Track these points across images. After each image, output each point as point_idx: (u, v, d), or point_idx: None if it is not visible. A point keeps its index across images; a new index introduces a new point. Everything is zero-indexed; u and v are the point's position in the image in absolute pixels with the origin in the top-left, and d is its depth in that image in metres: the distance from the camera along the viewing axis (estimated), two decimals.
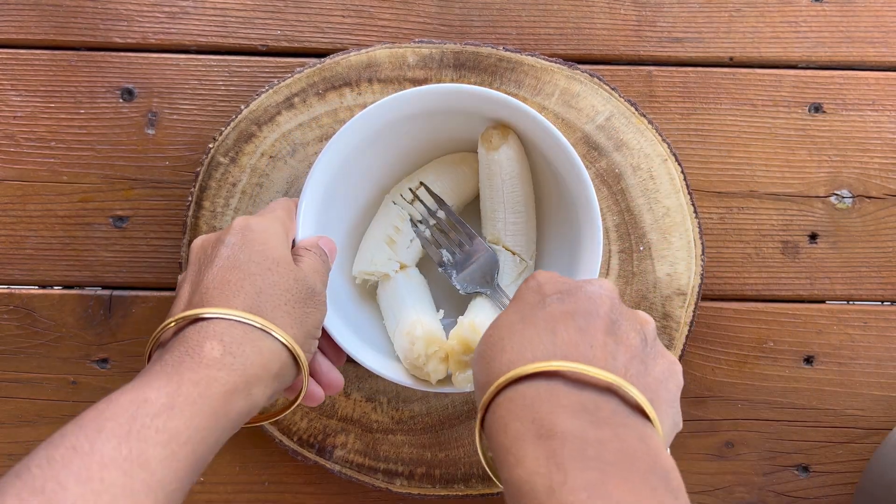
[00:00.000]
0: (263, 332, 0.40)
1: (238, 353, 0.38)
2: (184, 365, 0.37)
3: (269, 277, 0.41)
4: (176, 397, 0.35)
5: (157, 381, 0.36)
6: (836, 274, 0.59)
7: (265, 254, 0.42)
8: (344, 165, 0.50)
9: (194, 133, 0.58)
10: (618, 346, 0.36)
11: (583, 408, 0.33)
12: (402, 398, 0.56)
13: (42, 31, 0.58)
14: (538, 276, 0.40)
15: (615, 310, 0.37)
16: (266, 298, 0.41)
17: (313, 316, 0.43)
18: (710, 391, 0.59)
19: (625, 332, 0.37)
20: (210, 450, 0.36)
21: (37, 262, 0.58)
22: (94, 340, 0.58)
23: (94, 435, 0.33)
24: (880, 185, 0.59)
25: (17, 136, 0.58)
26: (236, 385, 0.38)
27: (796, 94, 0.58)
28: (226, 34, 0.58)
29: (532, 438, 0.32)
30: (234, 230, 0.43)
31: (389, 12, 0.58)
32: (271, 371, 0.40)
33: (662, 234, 0.56)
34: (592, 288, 0.38)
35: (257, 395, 0.39)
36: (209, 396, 0.36)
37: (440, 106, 0.49)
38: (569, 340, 0.36)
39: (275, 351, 0.40)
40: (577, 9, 0.58)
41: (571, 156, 0.47)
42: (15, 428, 0.58)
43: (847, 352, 0.59)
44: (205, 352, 0.38)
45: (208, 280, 0.41)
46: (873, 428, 0.59)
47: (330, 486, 0.59)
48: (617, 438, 0.32)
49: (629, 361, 0.36)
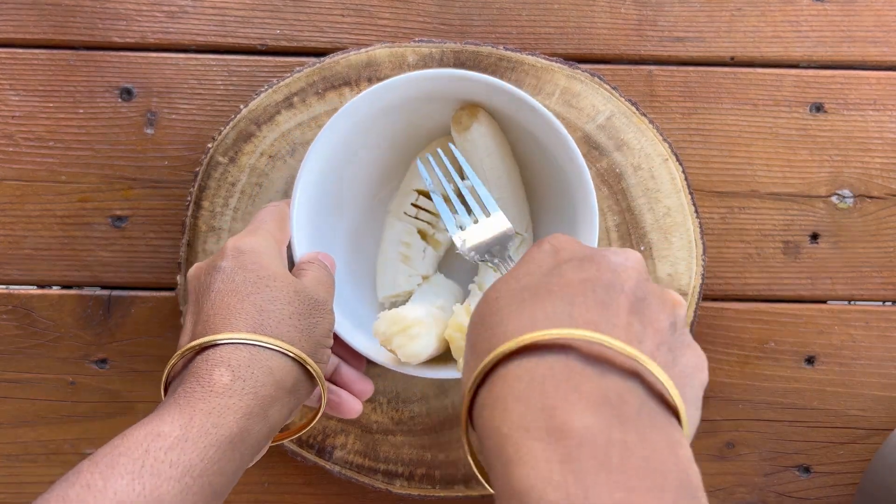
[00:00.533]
0: (271, 351, 0.39)
1: (248, 377, 0.38)
2: (195, 395, 0.37)
3: (268, 294, 0.41)
4: (189, 429, 0.35)
5: (170, 415, 0.35)
6: (838, 274, 0.59)
7: (260, 272, 0.42)
8: (332, 162, 0.50)
9: (193, 133, 0.58)
10: (644, 328, 0.30)
11: (605, 399, 0.27)
12: (401, 399, 0.56)
13: (40, 31, 0.57)
14: (553, 239, 0.34)
15: (642, 286, 0.31)
16: (268, 315, 0.40)
17: (321, 325, 0.42)
18: (711, 391, 0.59)
19: (653, 312, 0.31)
20: (229, 480, 0.36)
21: (35, 262, 0.58)
22: (92, 340, 0.58)
23: (108, 471, 0.33)
24: (882, 185, 0.58)
25: (15, 136, 0.57)
26: (251, 409, 0.37)
27: (797, 93, 0.58)
28: (225, 33, 0.58)
29: (541, 432, 0.26)
30: (226, 254, 0.42)
31: (389, 11, 0.58)
32: (285, 388, 0.39)
33: (663, 233, 0.55)
34: (617, 258, 0.32)
35: (275, 416, 0.39)
36: (223, 425, 0.36)
37: (416, 93, 0.49)
38: (588, 316, 0.29)
39: (285, 367, 0.39)
40: (577, 8, 0.58)
41: (549, 119, 0.47)
42: (14, 428, 0.58)
43: (848, 352, 0.59)
44: (214, 379, 0.37)
45: (208, 308, 0.40)
46: (875, 428, 0.59)
47: (330, 486, 0.59)
48: (644, 444, 0.26)
49: (656, 348, 0.30)
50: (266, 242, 0.44)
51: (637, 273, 0.32)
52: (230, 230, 0.55)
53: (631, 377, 0.28)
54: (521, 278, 0.32)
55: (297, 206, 0.48)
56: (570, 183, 0.49)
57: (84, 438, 0.58)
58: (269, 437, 0.39)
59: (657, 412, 0.28)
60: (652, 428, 0.27)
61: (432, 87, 0.49)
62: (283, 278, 0.42)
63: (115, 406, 0.58)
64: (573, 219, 0.50)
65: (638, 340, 0.29)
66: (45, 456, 0.58)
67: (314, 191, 0.49)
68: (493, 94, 0.48)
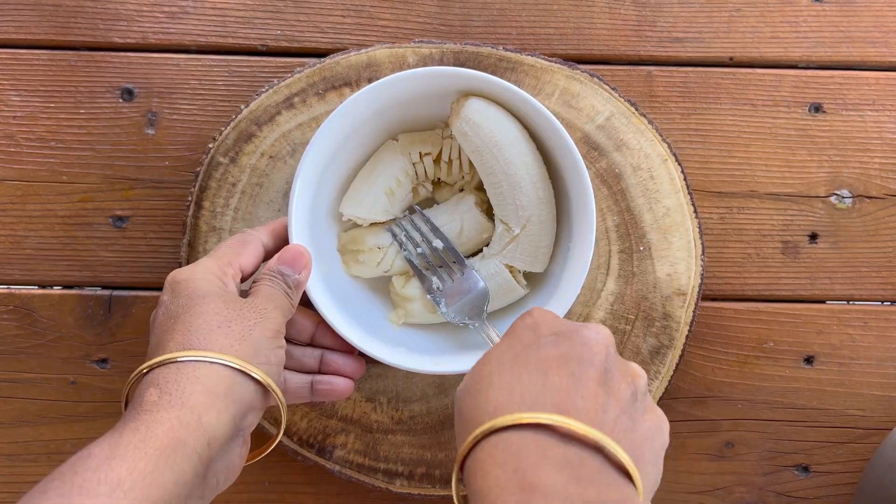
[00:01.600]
0: (197, 362, 0.40)
1: (174, 391, 0.38)
2: (128, 416, 0.38)
3: (196, 310, 0.42)
4: (116, 447, 0.35)
5: (102, 438, 0.36)
6: (837, 274, 0.59)
7: (192, 295, 0.42)
8: (330, 163, 0.50)
9: (194, 133, 0.58)
10: (609, 398, 0.36)
11: (567, 463, 0.33)
12: (401, 398, 0.56)
13: (42, 31, 0.58)
14: (534, 313, 0.40)
15: (610, 359, 0.37)
16: (195, 330, 0.41)
17: (259, 327, 0.42)
18: (710, 391, 0.59)
19: (616, 383, 0.36)
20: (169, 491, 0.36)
21: (36, 262, 0.58)
22: (93, 340, 0.58)
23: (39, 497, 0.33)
24: (880, 185, 0.59)
25: (16, 136, 0.58)
26: (180, 419, 0.37)
27: (796, 93, 0.58)
28: (226, 34, 0.58)
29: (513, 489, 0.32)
30: (165, 288, 0.44)
31: (389, 12, 0.58)
32: (218, 393, 0.39)
33: (662, 233, 0.56)
34: (589, 333, 0.38)
35: (213, 422, 0.38)
36: (151, 438, 0.36)
37: (414, 93, 0.49)
38: (560, 387, 0.35)
39: (214, 374, 0.40)
40: (577, 9, 0.58)
41: (545, 114, 0.47)
42: (14, 428, 0.58)
43: (847, 352, 0.59)
44: (145, 399, 0.38)
45: (152, 340, 0.42)
46: (873, 428, 0.59)
47: (330, 486, 0.59)
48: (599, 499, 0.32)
49: (618, 416, 0.35)
50: (202, 269, 0.44)
51: (605, 348, 0.37)
52: (231, 230, 0.55)
53: (592, 449, 0.34)
54: (503, 352, 0.38)
55: (297, 198, 0.48)
56: (568, 177, 0.49)
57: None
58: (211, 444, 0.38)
59: (614, 475, 0.33)
60: (608, 487, 0.33)
61: (427, 85, 0.49)
62: (213, 295, 0.43)
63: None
64: (570, 219, 0.50)
65: (603, 410, 0.35)
66: (46, 456, 0.58)
67: (311, 191, 0.50)
68: (485, 88, 0.49)
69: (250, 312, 0.43)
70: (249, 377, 0.41)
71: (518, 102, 0.48)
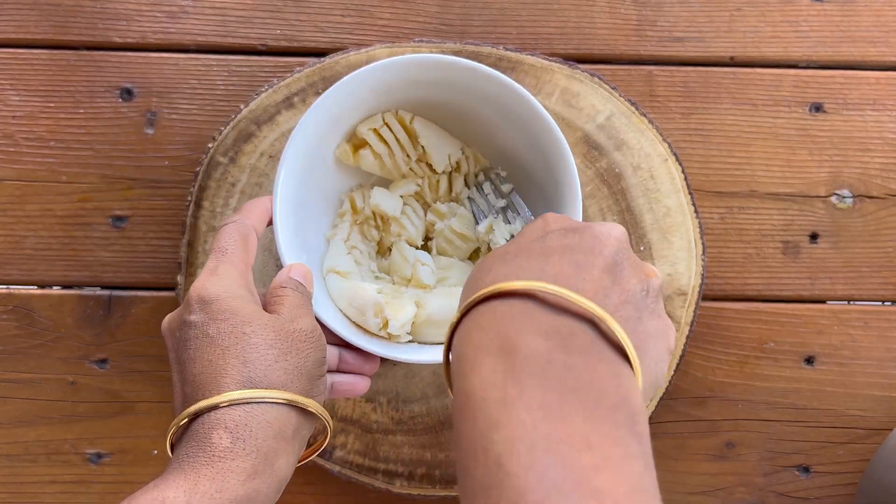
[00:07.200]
0: (266, 404, 0.38)
1: (247, 437, 0.37)
2: (199, 460, 0.36)
3: (248, 342, 0.39)
4: (193, 495, 0.35)
5: (175, 480, 0.35)
6: (837, 274, 0.59)
7: (233, 320, 0.39)
8: (312, 155, 0.50)
9: (193, 133, 0.58)
10: (614, 285, 0.33)
11: (556, 331, 0.30)
12: (402, 399, 0.56)
13: (41, 31, 0.57)
14: (547, 215, 0.38)
15: (621, 253, 0.34)
16: (254, 366, 0.39)
17: (311, 356, 0.41)
18: (711, 391, 0.59)
19: (626, 276, 0.34)
20: None
21: (36, 262, 0.58)
22: (93, 340, 0.58)
23: None
24: (881, 185, 0.58)
25: (15, 136, 0.57)
26: (255, 468, 0.37)
27: (797, 93, 0.58)
28: (225, 33, 0.58)
29: (493, 350, 0.30)
30: (193, 306, 0.40)
31: (389, 12, 0.58)
32: (287, 437, 0.39)
33: (663, 233, 0.55)
34: (602, 228, 0.35)
35: (282, 466, 0.38)
36: (227, 489, 0.35)
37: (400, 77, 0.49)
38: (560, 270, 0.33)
39: (283, 416, 0.39)
40: (577, 8, 0.58)
41: (524, 96, 0.47)
42: (14, 428, 0.58)
43: (848, 352, 0.59)
44: (214, 442, 0.36)
45: (191, 367, 0.39)
46: (874, 428, 0.59)
47: (330, 486, 0.59)
48: (587, 368, 0.29)
49: (622, 304, 0.33)
50: (230, 282, 0.41)
51: (618, 242, 0.34)
52: None
53: (586, 322, 0.31)
54: (509, 245, 0.36)
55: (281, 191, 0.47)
56: (552, 160, 0.48)
57: (84, 438, 0.58)
58: (280, 487, 0.38)
59: (606, 350, 0.31)
60: (599, 360, 0.30)
61: (407, 74, 0.48)
62: (258, 321, 0.40)
63: (115, 406, 0.58)
64: (560, 199, 0.49)
65: (605, 293, 0.32)
66: (46, 456, 0.58)
67: (296, 181, 0.49)
68: (467, 78, 0.48)
69: (300, 342, 0.41)
70: (311, 413, 0.40)
71: (497, 88, 0.48)
